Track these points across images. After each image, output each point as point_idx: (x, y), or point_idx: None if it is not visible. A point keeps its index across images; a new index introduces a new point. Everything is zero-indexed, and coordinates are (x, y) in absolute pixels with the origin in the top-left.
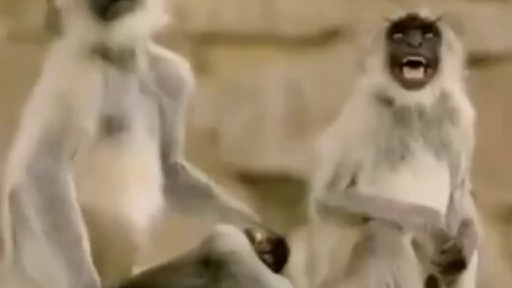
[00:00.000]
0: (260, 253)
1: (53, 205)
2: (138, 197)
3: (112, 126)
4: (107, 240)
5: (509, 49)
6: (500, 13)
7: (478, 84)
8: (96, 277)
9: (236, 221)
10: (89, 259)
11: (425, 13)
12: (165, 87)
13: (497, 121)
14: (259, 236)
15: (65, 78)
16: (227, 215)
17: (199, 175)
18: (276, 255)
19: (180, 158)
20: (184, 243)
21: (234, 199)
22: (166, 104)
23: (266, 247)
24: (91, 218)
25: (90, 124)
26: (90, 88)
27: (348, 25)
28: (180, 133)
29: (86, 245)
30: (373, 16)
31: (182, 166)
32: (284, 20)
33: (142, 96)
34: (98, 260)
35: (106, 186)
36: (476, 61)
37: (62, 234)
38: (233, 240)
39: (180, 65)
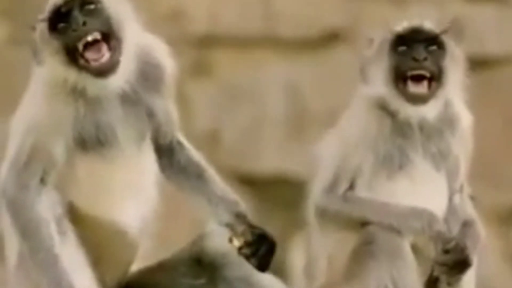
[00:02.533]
0: (245, 258)
1: (24, 229)
2: (129, 203)
3: (91, 145)
4: (105, 243)
5: (508, 52)
6: (499, 16)
7: (477, 87)
8: None
9: (221, 210)
10: (67, 278)
11: (428, 25)
12: (145, 86)
13: (496, 124)
14: (236, 243)
15: (37, 108)
16: (214, 201)
17: (195, 155)
18: (260, 255)
19: (176, 134)
20: (181, 240)
21: (223, 184)
22: (152, 101)
23: (247, 251)
24: (88, 222)
25: (58, 151)
26: (60, 118)
27: (348, 27)
28: (173, 114)
29: (62, 264)
30: (373, 19)
31: (179, 143)
32: (284, 23)
33: (125, 107)
34: (99, 258)
35: (97, 197)
36: (475, 64)
37: (38, 256)
38: (224, 242)
39: (157, 50)
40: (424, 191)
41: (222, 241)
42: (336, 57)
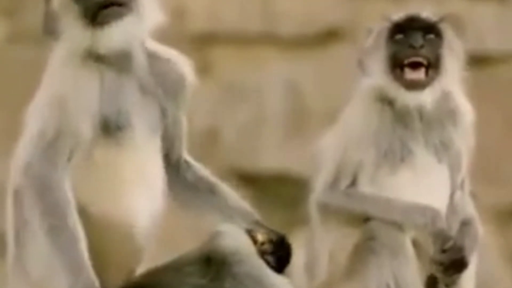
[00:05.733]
0: (262, 254)
1: (50, 208)
2: (139, 198)
3: (110, 127)
4: (111, 242)
5: (508, 49)
6: (499, 14)
7: (477, 84)
8: (95, 279)
9: (238, 221)
10: (87, 261)
11: (426, 14)
12: (164, 87)
13: (496, 122)
14: (260, 237)
15: (61, 82)
16: (228, 214)
17: (203, 171)
18: (278, 255)
19: (184, 153)
20: (186, 242)
21: (236, 196)
22: (166, 104)
23: (268, 248)
24: (94, 220)
25: (85, 127)
26: (85, 92)
27: (347, 25)
28: (183, 129)
29: (83, 247)
30: (373, 16)
31: (186, 162)
32: (284, 21)
33: (142, 96)
34: (102, 261)
35: (107, 187)
36: (476, 61)
37: (60, 236)
38: (235, 240)
39: (179, 62)
40: (426, 182)
41: (234, 239)
42: (336, 55)
